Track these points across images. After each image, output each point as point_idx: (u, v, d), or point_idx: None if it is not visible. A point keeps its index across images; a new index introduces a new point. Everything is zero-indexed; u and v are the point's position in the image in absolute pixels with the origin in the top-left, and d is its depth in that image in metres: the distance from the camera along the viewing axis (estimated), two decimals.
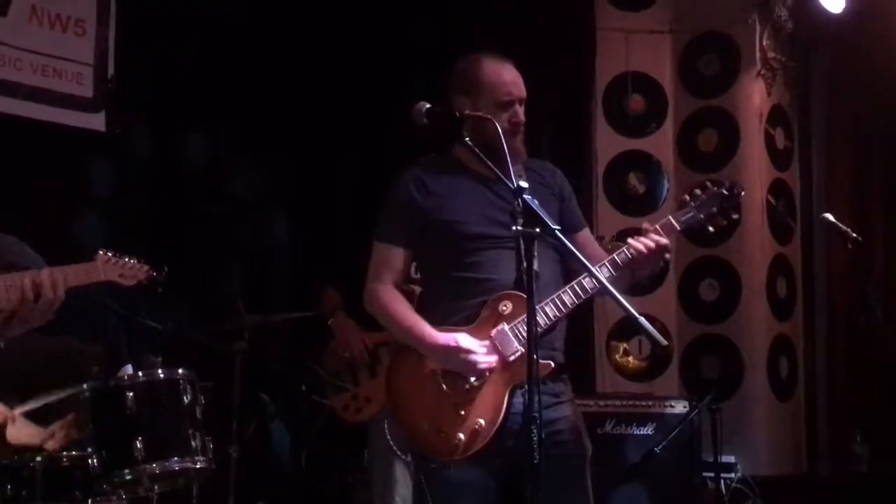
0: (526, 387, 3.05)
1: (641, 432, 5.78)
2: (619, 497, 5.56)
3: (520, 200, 3.10)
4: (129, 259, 3.88)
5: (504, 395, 3.33)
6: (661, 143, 7.07)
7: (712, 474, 5.91)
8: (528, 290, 3.07)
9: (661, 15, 7.12)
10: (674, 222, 3.50)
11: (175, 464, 3.95)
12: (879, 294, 5.83)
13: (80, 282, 3.80)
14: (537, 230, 3.09)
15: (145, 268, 3.90)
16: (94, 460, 3.88)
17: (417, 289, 4.75)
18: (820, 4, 6.61)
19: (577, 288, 3.40)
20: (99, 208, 5.67)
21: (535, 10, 6.48)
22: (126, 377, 4.07)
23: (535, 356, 3.03)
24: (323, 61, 6.31)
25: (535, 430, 2.98)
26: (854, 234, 4.70)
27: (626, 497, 5.56)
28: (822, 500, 6.64)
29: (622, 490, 5.58)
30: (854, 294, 6.82)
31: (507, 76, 3.56)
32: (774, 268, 7.02)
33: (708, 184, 3.62)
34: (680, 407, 5.82)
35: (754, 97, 7.02)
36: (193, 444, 3.99)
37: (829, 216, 4.81)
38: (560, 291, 3.40)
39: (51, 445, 4.12)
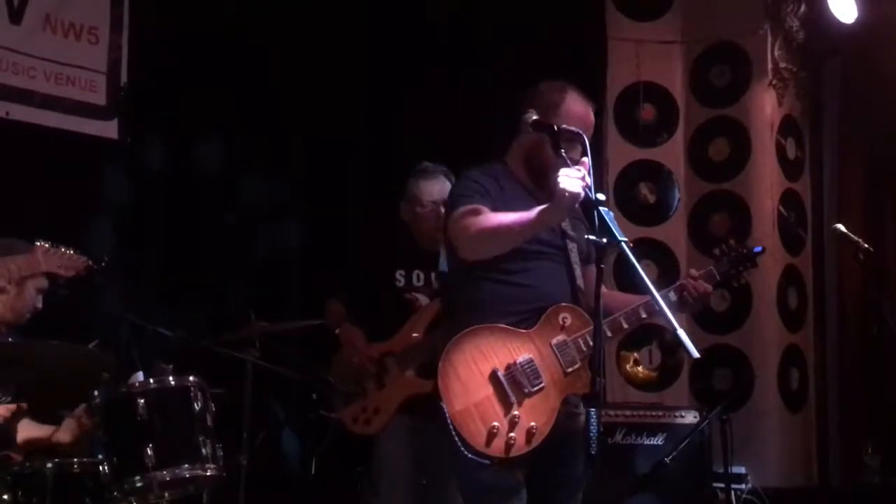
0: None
1: (651, 442, 5.78)
2: None
3: (596, 212, 3.25)
4: (67, 250, 3.88)
5: (557, 404, 3.48)
6: (673, 153, 7.07)
7: (723, 485, 5.89)
8: (595, 293, 3.22)
9: (672, 25, 7.13)
10: (715, 272, 3.76)
11: (185, 471, 3.95)
12: (891, 304, 5.82)
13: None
14: (604, 240, 3.24)
15: (83, 258, 3.90)
16: (105, 467, 3.88)
17: (424, 298, 4.76)
18: (831, 15, 6.61)
19: (641, 311, 3.60)
20: (112, 215, 5.69)
21: (546, 19, 6.49)
22: (137, 384, 4.07)
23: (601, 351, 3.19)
24: (337, 70, 6.33)
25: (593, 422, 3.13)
26: (865, 245, 4.69)
27: None
28: None
29: (632, 500, 5.57)
30: (865, 305, 6.81)
31: (583, 114, 3.67)
32: (785, 278, 7.01)
33: (732, 243, 3.89)
34: (690, 417, 5.82)
35: (765, 107, 7.02)
36: (204, 451, 3.99)
37: (841, 227, 4.80)
38: (620, 315, 3.59)
39: (62, 438, 4.13)
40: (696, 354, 3.16)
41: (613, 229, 3.23)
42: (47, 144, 5.43)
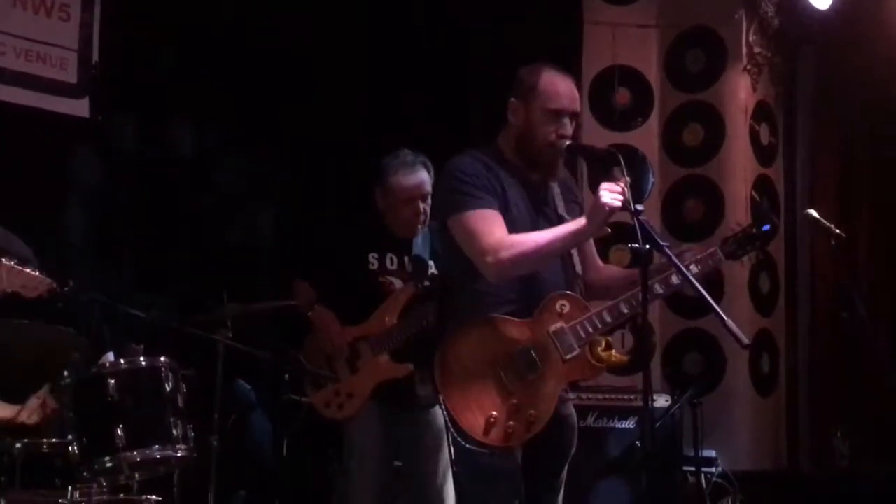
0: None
1: (623, 426, 5.80)
2: (601, 490, 5.58)
3: (637, 221, 3.38)
4: (33, 270, 3.82)
5: (557, 392, 3.53)
6: (647, 138, 7.08)
7: (693, 468, 5.93)
8: (642, 300, 3.39)
9: (648, 9, 7.13)
10: (720, 254, 3.71)
11: (156, 451, 3.93)
12: (862, 290, 5.87)
13: None
14: (647, 247, 3.36)
15: (47, 280, 3.82)
16: (75, 447, 3.86)
17: (398, 282, 4.74)
18: (806, 1, 6.63)
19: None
20: (83, 195, 5.64)
21: (522, 2, 6.48)
22: (107, 364, 4.05)
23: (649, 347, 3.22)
24: (311, 52, 6.29)
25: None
26: (837, 231, 4.71)
27: (608, 490, 5.58)
28: (802, 494, 6.68)
29: (603, 483, 5.59)
30: (837, 290, 6.85)
31: (561, 87, 3.67)
32: (757, 263, 7.01)
33: (740, 224, 3.83)
34: (662, 401, 5.85)
35: (740, 92, 7.04)
36: (174, 432, 3.98)
37: (813, 212, 4.82)
38: (629, 294, 3.58)
39: (28, 418, 4.09)
40: (746, 342, 3.24)
41: (656, 238, 3.37)
42: (17, 122, 5.37)
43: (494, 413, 3.43)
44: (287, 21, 6.22)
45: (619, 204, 3.46)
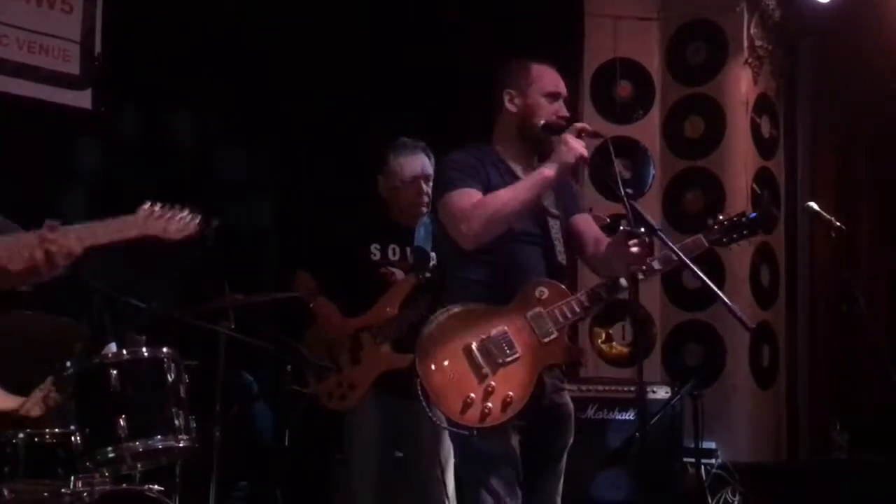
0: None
1: (623, 417, 5.82)
2: (601, 481, 5.60)
3: (628, 205, 3.49)
4: (180, 212, 3.66)
5: (535, 374, 3.58)
6: (648, 130, 7.09)
7: (693, 460, 5.95)
8: (634, 293, 3.48)
9: (649, 2, 7.14)
10: (704, 241, 3.81)
11: (158, 442, 3.93)
12: (862, 283, 5.87)
13: (110, 239, 3.55)
14: (641, 230, 3.48)
15: (196, 220, 3.67)
16: (77, 438, 3.86)
17: (399, 273, 4.75)
18: None
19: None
20: (85, 186, 5.65)
21: None
22: (110, 355, 4.06)
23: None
24: (309, 44, 6.30)
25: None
26: (838, 224, 4.72)
27: (608, 481, 5.60)
28: (801, 487, 6.69)
29: (603, 474, 5.61)
30: (836, 283, 6.86)
31: (550, 73, 3.83)
32: (758, 256, 7.05)
33: (726, 214, 3.91)
34: (662, 393, 5.86)
35: (741, 85, 7.05)
36: (177, 422, 3.98)
37: (814, 205, 4.83)
38: (606, 279, 3.69)
39: (30, 410, 4.10)
40: (751, 325, 3.38)
41: (649, 221, 3.49)
42: (20, 113, 5.38)
43: (472, 395, 3.51)
44: (286, 14, 6.23)
45: (583, 152, 3.64)
